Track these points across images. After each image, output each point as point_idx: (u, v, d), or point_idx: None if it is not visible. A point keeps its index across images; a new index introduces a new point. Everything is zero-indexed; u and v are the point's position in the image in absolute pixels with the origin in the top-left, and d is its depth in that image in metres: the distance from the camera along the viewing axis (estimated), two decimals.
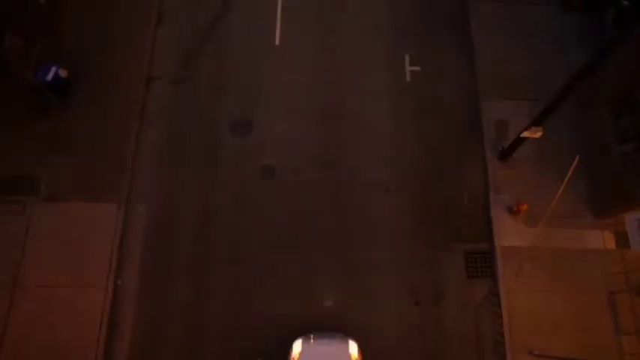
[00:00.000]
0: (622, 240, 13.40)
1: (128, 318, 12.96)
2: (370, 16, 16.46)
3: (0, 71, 13.45)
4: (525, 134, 12.28)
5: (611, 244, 13.72)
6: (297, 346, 11.97)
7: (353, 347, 11.95)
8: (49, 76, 14.11)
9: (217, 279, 13.38)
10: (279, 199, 14.20)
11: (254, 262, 13.52)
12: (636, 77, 12.31)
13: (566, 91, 10.72)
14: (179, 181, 14.42)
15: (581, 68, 10.14)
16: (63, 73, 14.57)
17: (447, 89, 15.58)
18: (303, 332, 12.28)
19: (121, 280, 13.28)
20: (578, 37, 15.83)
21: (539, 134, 12.12)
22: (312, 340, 12.03)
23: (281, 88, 15.48)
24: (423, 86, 15.59)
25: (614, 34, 9.19)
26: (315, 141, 14.88)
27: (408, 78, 15.69)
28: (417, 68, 15.76)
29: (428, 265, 13.63)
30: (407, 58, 15.92)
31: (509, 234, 13.71)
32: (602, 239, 13.73)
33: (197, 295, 13.23)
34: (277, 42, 16.09)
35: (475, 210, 14.20)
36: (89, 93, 15.12)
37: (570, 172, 11.09)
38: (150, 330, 12.89)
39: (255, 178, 14.44)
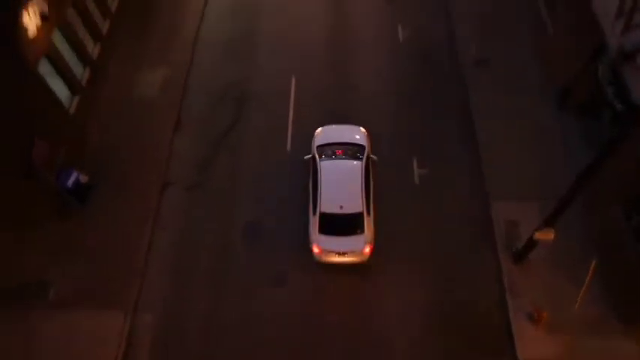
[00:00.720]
0: None
1: None
2: (377, 120, 17.22)
3: (25, 174, 14.11)
4: (537, 236, 12.04)
5: None
6: (318, 129, 15.59)
7: (362, 129, 15.47)
8: (70, 182, 14.77)
9: None
10: (291, 306, 13.78)
11: None
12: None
13: (573, 193, 10.69)
14: (189, 288, 14.20)
15: (583, 171, 10.21)
16: (83, 178, 15.25)
17: (455, 191, 15.68)
18: None
19: None
20: (579, 135, 16.19)
21: (551, 236, 11.87)
22: (329, 125, 15.83)
23: (293, 194, 15.80)
24: (432, 188, 15.76)
25: (611, 139, 9.34)
26: None
27: (417, 181, 15.95)
28: (425, 171, 16.07)
29: None
30: (415, 161, 16.33)
31: (532, 344, 12.75)
32: (634, 347, 12.68)
33: None
34: (289, 148, 16.79)
35: (493, 318, 13.42)
36: (106, 197, 15.66)
37: (589, 278, 10.66)
38: None
39: (267, 285, 14.15)
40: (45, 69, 14.91)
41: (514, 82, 17.74)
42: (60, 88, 15.75)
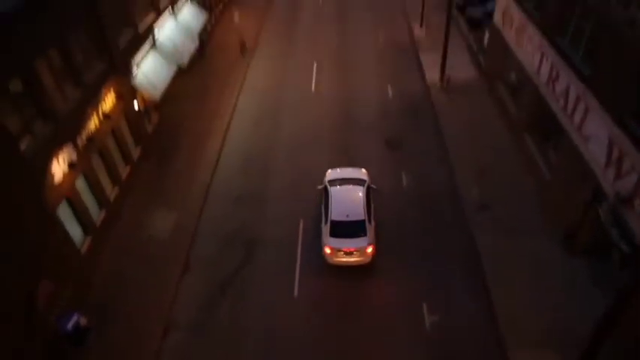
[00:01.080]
0: None
1: None
2: (383, 266, 17.17)
3: (26, 316, 13.70)
4: None
5: None
6: (329, 170, 19.25)
7: (363, 170, 19.18)
8: (70, 325, 14.30)
9: None
10: None
11: None
12: None
13: (595, 346, 10.16)
14: None
15: (601, 322, 9.84)
16: (83, 321, 14.79)
17: (469, 339, 14.89)
18: None
19: None
20: (588, 276, 15.93)
21: None
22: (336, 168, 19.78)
23: (298, 340, 15.12)
24: (445, 336, 15.01)
25: (625, 285, 9.19)
26: None
27: (428, 327, 15.28)
28: (436, 317, 15.49)
29: None
30: (425, 306, 15.85)
31: None
32: None
33: None
34: (296, 294, 16.49)
35: None
36: (107, 339, 15.05)
37: None
38: None
39: None
40: (63, 210, 15.53)
41: (518, 225, 18.07)
42: (74, 229, 16.21)
